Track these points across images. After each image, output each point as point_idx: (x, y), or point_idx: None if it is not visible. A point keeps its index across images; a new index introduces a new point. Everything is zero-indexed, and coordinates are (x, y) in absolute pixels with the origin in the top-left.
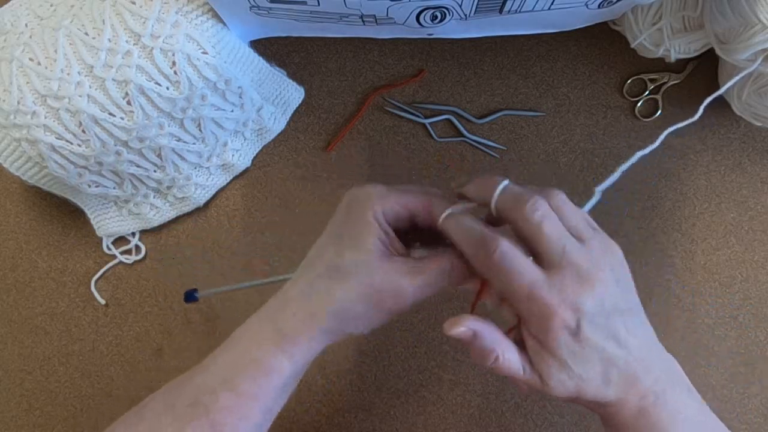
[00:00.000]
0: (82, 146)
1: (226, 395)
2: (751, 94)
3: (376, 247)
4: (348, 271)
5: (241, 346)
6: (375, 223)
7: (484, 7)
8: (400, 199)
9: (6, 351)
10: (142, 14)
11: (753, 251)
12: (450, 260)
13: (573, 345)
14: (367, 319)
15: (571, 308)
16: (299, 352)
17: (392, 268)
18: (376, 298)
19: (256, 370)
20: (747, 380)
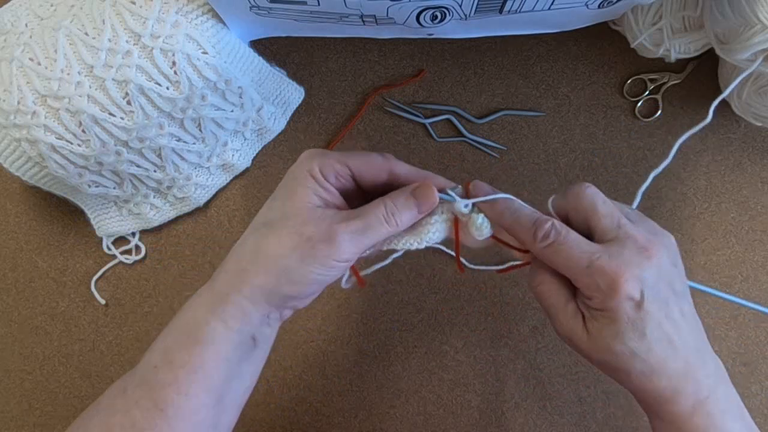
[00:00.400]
0: (82, 146)
1: (164, 370)
2: (751, 94)
3: (310, 198)
4: (278, 222)
5: (182, 316)
6: (309, 177)
7: (484, 7)
8: (340, 157)
9: (6, 351)
10: (142, 14)
11: (753, 251)
12: (385, 203)
13: (635, 315)
14: (303, 275)
15: (635, 278)
16: (234, 314)
17: (324, 215)
18: (308, 248)
19: (192, 341)
20: (747, 380)
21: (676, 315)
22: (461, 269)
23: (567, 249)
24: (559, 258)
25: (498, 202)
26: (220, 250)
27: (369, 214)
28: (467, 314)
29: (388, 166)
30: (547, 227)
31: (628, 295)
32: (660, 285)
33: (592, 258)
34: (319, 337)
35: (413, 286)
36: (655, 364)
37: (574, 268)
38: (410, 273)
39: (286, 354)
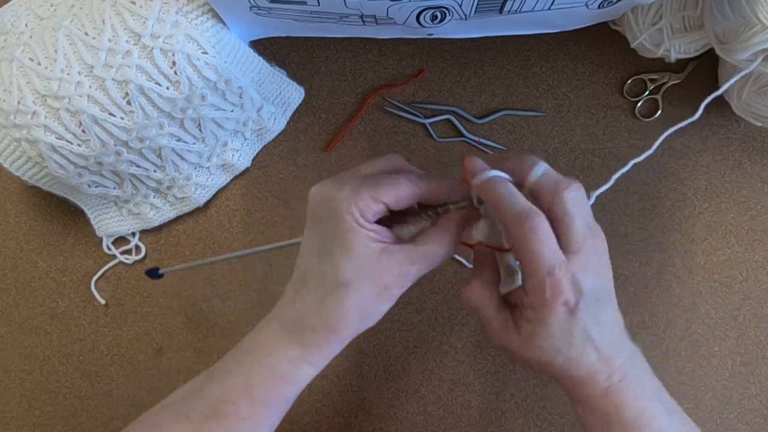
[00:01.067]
0: (82, 146)
1: (245, 405)
2: (751, 94)
3: (369, 248)
4: (353, 280)
5: (259, 358)
6: (357, 227)
7: (484, 7)
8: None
9: (6, 351)
10: (142, 14)
11: (753, 251)
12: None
13: (565, 321)
14: (380, 311)
15: (576, 288)
16: (321, 358)
17: (393, 262)
18: (386, 294)
19: (282, 382)
20: (747, 380)
21: (602, 318)
22: None
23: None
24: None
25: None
26: (220, 250)
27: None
28: (467, 314)
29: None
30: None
31: (564, 301)
32: (595, 294)
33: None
34: None
35: (413, 286)
36: (575, 359)
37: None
38: None
39: None
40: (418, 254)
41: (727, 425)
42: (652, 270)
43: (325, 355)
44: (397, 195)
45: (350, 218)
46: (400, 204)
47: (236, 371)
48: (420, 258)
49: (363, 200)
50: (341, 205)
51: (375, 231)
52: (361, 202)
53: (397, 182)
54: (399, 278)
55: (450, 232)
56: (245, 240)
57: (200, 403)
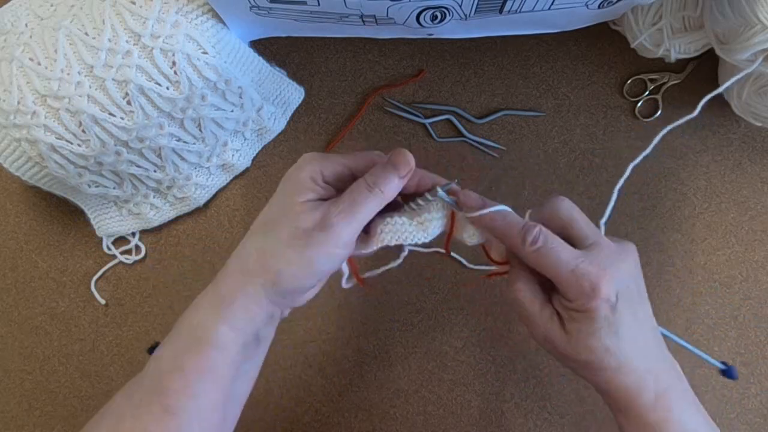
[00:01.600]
0: (82, 146)
1: (174, 376)
2: (751, 94)
3: (305, 195)
4: (276, 221)
5: (187, 320)
6: (308, 180)
7: (484, 7)
8: (338, 159)
9: (6, 351)
10: (142, 14)
11: (753, 251)
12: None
13: (610, 315)
14: (304, 266)
15: (612, 280)
16: (239, 315)
17: (317, 206)
18: (305, 237)
19: (201, 345)
20: (747, 380)
21: (641, 316)
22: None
23: (554, 253)
24: (546, 261)
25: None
26: (220, 250)
27: (353, 190)
28: (467, 314)
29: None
30: (536, 232)
31: (606, 297)
32: (630, 288)
33: (577, 262)
34: (319, 337)
35: (413, 286)
36: (624, 360)
37: (560, 271)
38: (410, 273)
39: (286, 354)
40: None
41: (727, 425)
42: (652, 270)
43: (241, 312)
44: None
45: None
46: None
47: (166, 343)
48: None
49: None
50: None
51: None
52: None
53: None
54: (321, 222)
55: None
56: None
57: (141, 382)
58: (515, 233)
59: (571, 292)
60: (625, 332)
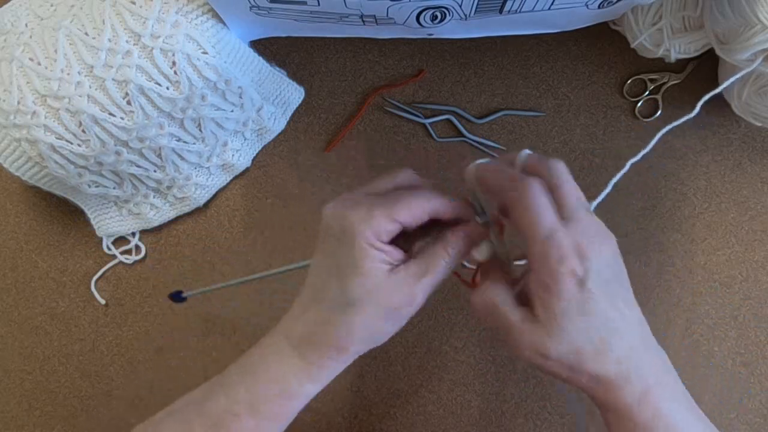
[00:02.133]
0: (82, 146)
1: (249, 419)
2: (751, 94)
3: (379, 269)
4: (360, 300)
5: (264, 372)
6: (369, 248)
7: (484, 7)
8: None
9: (6, 351)
10: (142, 14)
11: (753, 251)
12: (445, 250)
13: (578, 294)
14: (387, 332)
15: (580, 256)
16: (325, 376)
17: (400, 282)
18: (393, 313)
19: (285, 398)
20: (747, 380)
21: (619, 304)
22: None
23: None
24: (525, 216)
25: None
26: (220, 250)
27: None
28: (467, 314)
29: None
30: (531, 180)
31: (571, 269)
32: (605, 272)
33: (553, 230)
34: None
35: None
36: (603, 347)
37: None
38: None
39: None
40: (423, 268)
41: (727, 425)
42: (652, 270)
43: (329, 373)
44: (412, 214)
45: (363, 240)
46: (415, 222)
47: (241, 384)
48: (425, 272)
49: (377, 221)
50: (355, 225)
51: (387, 252)
52: (376, 223)
53: (411, 200)
54: (407, 298)
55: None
56: (245, 240)
57: (204, 414)
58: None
59: (537, 261)
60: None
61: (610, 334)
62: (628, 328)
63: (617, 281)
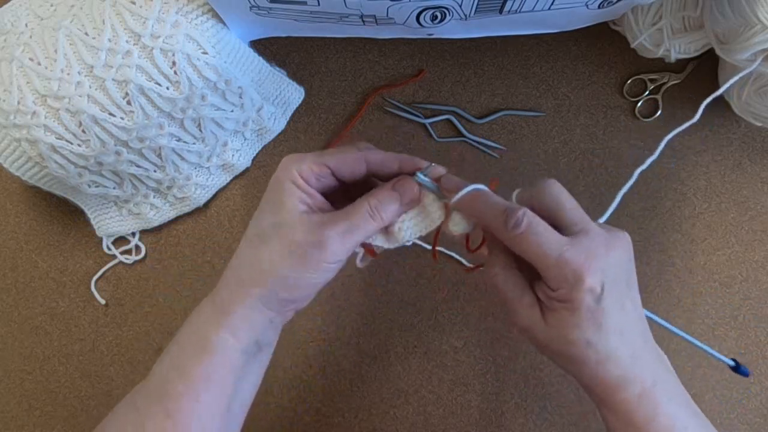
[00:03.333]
0: (82, 146)
1: (176, 382)
2: (751, 94)
3: (296, 206)
4: (270, 233)
5: (188, 329)
6: (292, 185)
7: (484, 8)
8: (317, 158)
9: (6, 351)
10: (142, 14)
11: (753, 251)
12: (368, 200)
13: (594, 307)
14: (299, 279)
15: (597, 270)
16: (240, 324)
17: (312, 221)
18: (300, 253)
19: (202, 351)
20: (747, 380)
21: (628, 307)
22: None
23: (538, 238)
24: (529, 247)
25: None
26: (220, 250)
27: (355, 213)
28: (467, 314)
29: (363, 157)
30: (520, 215)
31: (590, 287)
32: (618, 278)
33: (561, 249)
34: (319, 337)
35: (413, 286)
36: (606, 354)
37: (543, 257)
38: (410, 273)
39: (286, 354)
40: (340, 216)
41: (727, 425)
42: (652, 270)
43: (241, 320)
44: (342, 158)
45: (287, 177)
46: (345, 168)
47: (173, 348)
48: (340, 218)
49: (305, 162)
50: (284, 165)
51: (309, 194)
52: (303, 164)
53: (343, 149)
54: (316, 240)
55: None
56: None
57: (144, 389)
58: (498, 215)
59: (554, 281)
60: (609, 325)
61: (618, 342)
62: (632, 328)
63: (626, 282)
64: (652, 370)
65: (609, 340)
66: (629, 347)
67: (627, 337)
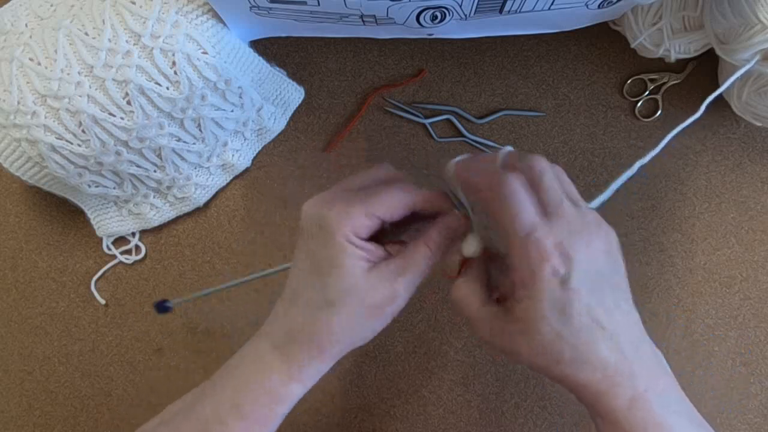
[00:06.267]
0: (82, 146)
1: (236, 423)
2: (751, 94)
3: (358, 267)
4: (339, 299)
5: (248, 375)
6: (347, 245)
7: (484, 8)
8: (367, 210)
9: (6, 351)
10: (142, 14)
11: (753, 251)
12: (426, 244)
13: (560, 294)
14: (371, 330)
15: (562, 254)
16: (309, 377)
17: (379, 279)
18: (375, 312)
19: (269, 399)
20: (747, 380)
21: (609, 303)
22: None
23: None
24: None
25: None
26: (220, 250)
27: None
28: None
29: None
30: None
31: (552, 269)
32: (591, 269)
33: (532, 228)
34: None
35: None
36: (585, 352)
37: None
38: None
39: None
40: (403, 265)
41: (727, 425)
42: (652, 270)
43: (313, 374)
44: (390, 208)
45: (341, 237)
46: (393, 216)
47: (226, 388)
48: (405, 268)
49: (355, 216)
50: (332, 222)
51: (366, 249)
52: (353, 219)
53: (389, 194)
54: (388, 295)
55: (433, 236)
56: (245, 240)
57: (191, 421)
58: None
59: (517, 259)
60: (582, 318)
61: (596, 338)
62: (618, 329)
63: (608, 279)
64: (646, 375)
65: (582, 335)
66: (613, 347)
67: (609, 336)
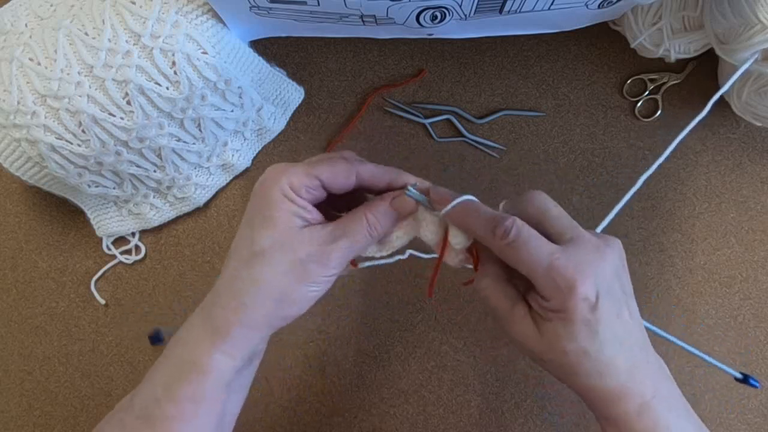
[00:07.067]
0: (82, 146)
1: (168, 404)
2: (751, 94)
3: (291, 221)
4: (267, 251)
5: (180, 349)
6: (284, 198)
7: (484, 7)
8: (307, 170)
9: (6, 351)
10: (142, 14)
11: (753, 251)
12: (366, 217)
13: (589, 316)
14: (299, 294)
15: (591, 278)
16: (236, 345)
17: (312, 237)
18: (301, 270)
19: (195, 373)
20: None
21: (625, 315)
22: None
23: (528, 247)
24: (519, 256)
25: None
26: (220, 250)
27: (353, 228)
28: (467, 314)
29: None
30: (508, 224)
31: (584, 296)
32: (613, 285)
33: (552, 258)
34: (319, 337)
35: (413, 286)
36: (605, 363)
37: (534, 267)
38: (410, 273)
39: (286, 354)
40: (339, 231)
41: (727, 425)
42: (652, 270)
43: (238, 341)
44: (333, 171)
45: (278, 191)
46: (336, 181)
47: (161, 368)
48: (341, 235)
49: (295, 173)
50: (270, 177)
51: (302, 206)
52: (293, 176)
53: (333, 159)
54: (318, 255)
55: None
56: None
57: (132, 408)
58: (487, 224)
59: (547, 291)
60: (606, 335)
61: (616, 351)
62: (630, 338)
63: (622, 289)
64: (653, 381)
65: (605, 350)
66: (628, 357)
67: (625, 347)
